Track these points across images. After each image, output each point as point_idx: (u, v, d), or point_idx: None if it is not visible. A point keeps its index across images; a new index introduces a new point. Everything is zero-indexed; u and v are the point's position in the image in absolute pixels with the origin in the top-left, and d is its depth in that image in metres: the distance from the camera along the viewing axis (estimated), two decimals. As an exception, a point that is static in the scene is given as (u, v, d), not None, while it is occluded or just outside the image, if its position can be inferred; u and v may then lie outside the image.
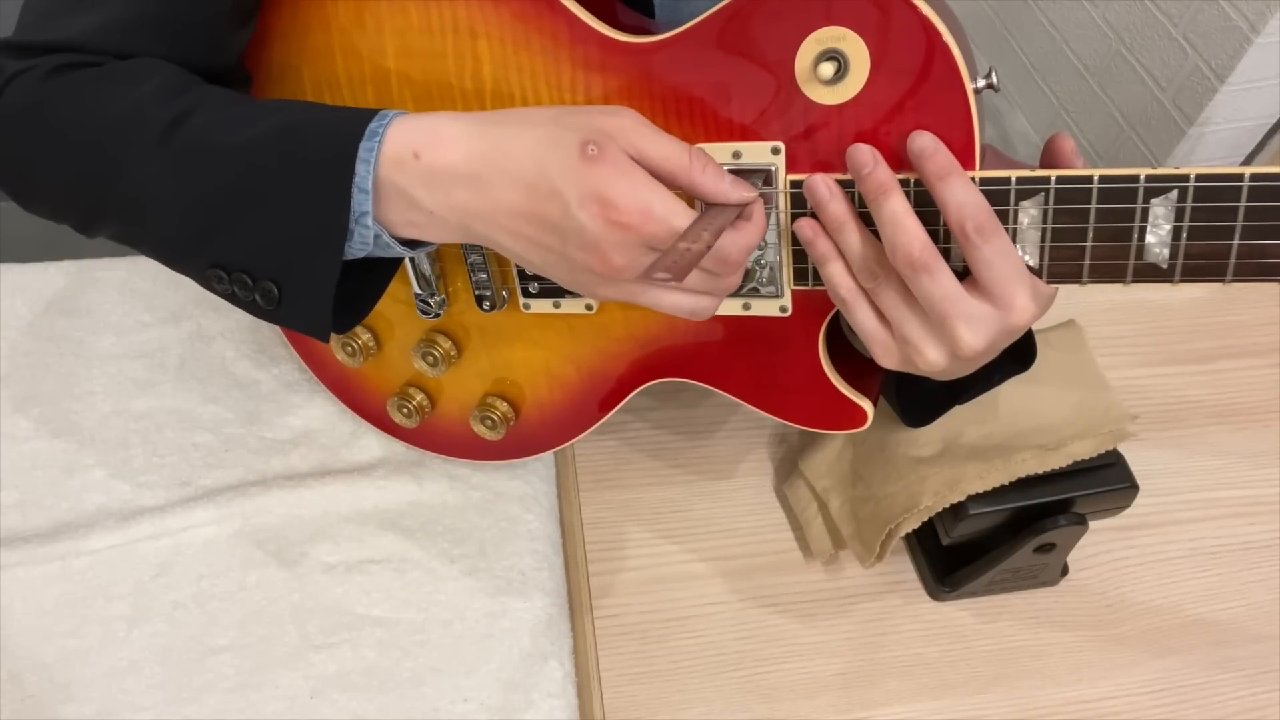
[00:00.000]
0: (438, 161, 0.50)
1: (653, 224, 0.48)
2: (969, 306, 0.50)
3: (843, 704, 0.70)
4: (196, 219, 0.52)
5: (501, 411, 0.71)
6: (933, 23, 0.48)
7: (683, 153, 0.50)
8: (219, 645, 0.70)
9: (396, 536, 0.76)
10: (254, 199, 0.51)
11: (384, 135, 0.50)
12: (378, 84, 0.59)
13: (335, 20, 0.58)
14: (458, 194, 0.50)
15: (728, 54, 0.52)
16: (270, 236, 0.52)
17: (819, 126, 0.52)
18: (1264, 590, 0.75)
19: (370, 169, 0.50)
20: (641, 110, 0.54)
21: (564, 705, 0.69)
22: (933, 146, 0.49)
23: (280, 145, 0.51)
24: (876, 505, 0.70)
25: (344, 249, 0.51)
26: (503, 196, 0.50)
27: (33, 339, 0.85)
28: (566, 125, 0.49)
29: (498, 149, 0.50)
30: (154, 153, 0.51)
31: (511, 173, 0.49)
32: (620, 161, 0.48)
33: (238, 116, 0.52)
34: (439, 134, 0.50)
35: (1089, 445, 0.65)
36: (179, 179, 0.52)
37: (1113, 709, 0.70)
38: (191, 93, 0.53)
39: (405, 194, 0.51)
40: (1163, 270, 0.49)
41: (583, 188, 0.48)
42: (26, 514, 0.75)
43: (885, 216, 0.50)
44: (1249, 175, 0.46)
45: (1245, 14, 1.24)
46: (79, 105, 0.52)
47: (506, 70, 0.56)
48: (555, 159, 0.48)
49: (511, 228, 0.51)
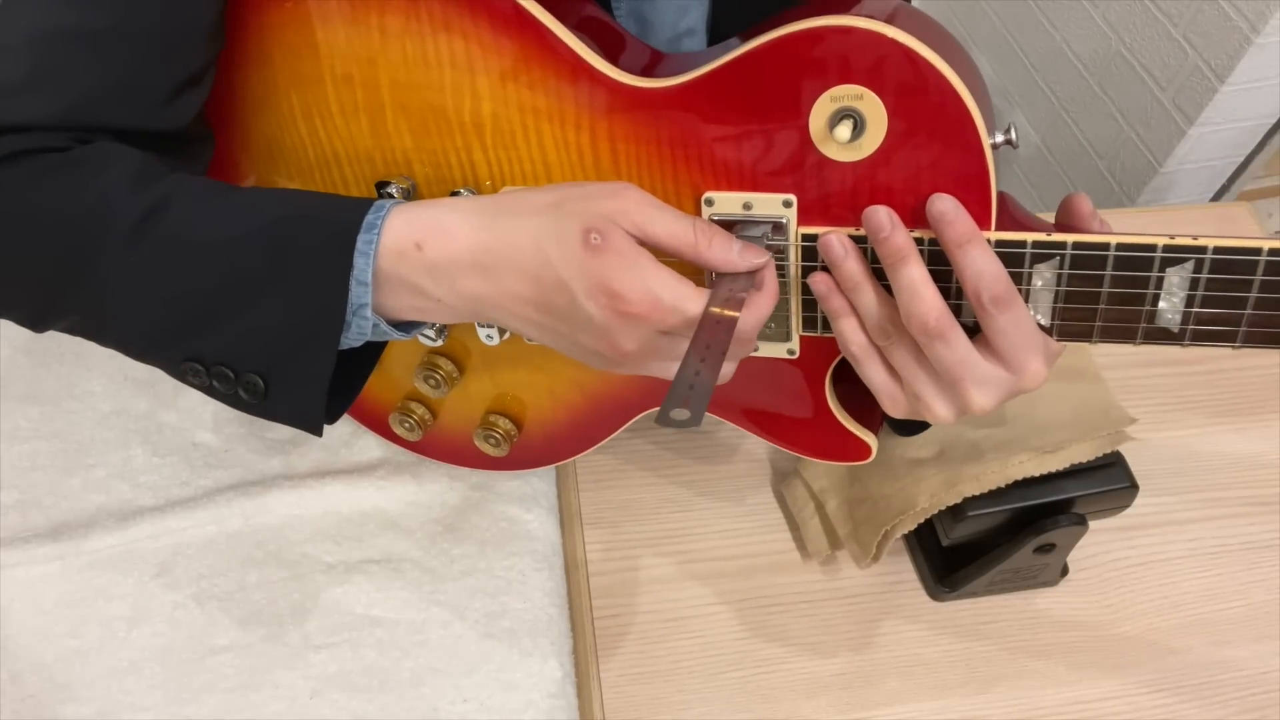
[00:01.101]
0: (442, 253, 0.49)
1: (661, 312, 0.47)
2: (982, 370, 0.50)
3: (843, 704, 0.70)
4: (174, 315, 0.50)
5: (504, 429, 0.71)
6: (951, 83, 0.46)
7: (688, 229, 0.49)
8: (219, 645, 0.70)
9: (396, 536, 0.76)
10: (241, 295, 0.49)
11: (382, 227, 0.49)
12: (372, 114, 0.57)
13: (326, 47, 0.55)
14: (465, 282, 0.49)
15: (740, 105, 0.51)
16: (258, 332, 0.50)
17: (833, 182, 0.51)
18: (1264, 590, 0.75)
19: (370, 261, 0.48)
20: (649, 155, 0.54)
21: (564, 705, 0.69)
22: (953, 212, 0.48)
23: (271, 240, 0.49)
24: (873, 506, 0.70)
25: (340, 341, 0.50)
26: (510, 286, 0.49)
27: (33, 339, 0.85)
28: (569, 212, 0.48)
29: (502, 240, 0.49)
30: (124, 249, 0.48)
31: (517, 263, 0.48)
32: (625, 249, 0.47)
33: (220, 209, 0.50)
34: (442, 226, 0.49)
35: (1088, 448, 0.65)
36: (154, 276, 0.49)
37: (1113, 709, 0.70)
38: (164, 182, 0.50)
39: (409, 283, 0.49)
40: (1173, 334, 0.49)
41: (589, 280, 0.47)
42: (26, 514, 0.75)
43: (902, 283, 0.49)
44: (1267, 250, 0.46)
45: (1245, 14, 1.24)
46: (37, 198, 0.49)
47: (508, 108, 0.54)
48: (559, 250, 0.47)
49: (521, 314, 0.50)
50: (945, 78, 0.46)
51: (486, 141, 0.56)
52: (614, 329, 0.48)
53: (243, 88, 0.59)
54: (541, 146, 0.56)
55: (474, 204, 0.51)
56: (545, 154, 0.56)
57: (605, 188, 0.50)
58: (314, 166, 0.61)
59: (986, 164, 0.48)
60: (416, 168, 0.58)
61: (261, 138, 0.61)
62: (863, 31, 0.46)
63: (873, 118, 0.48)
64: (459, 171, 0.58)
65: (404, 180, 0.59)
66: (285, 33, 0.56)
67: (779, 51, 0.48)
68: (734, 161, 0.53)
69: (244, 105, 0.60)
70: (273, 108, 0.59)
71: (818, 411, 0.62)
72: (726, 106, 0.51)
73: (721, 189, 0.54)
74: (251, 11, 0.56)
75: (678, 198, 0.55)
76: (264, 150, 0.62)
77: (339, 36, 0.55)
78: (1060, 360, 0.69)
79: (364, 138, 0.58)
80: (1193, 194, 1.47)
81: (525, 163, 0.56)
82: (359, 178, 0.60)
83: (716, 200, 0.54)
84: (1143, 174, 1.48)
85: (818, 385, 0.61)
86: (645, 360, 0.50)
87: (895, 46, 0.46)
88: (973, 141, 0.48)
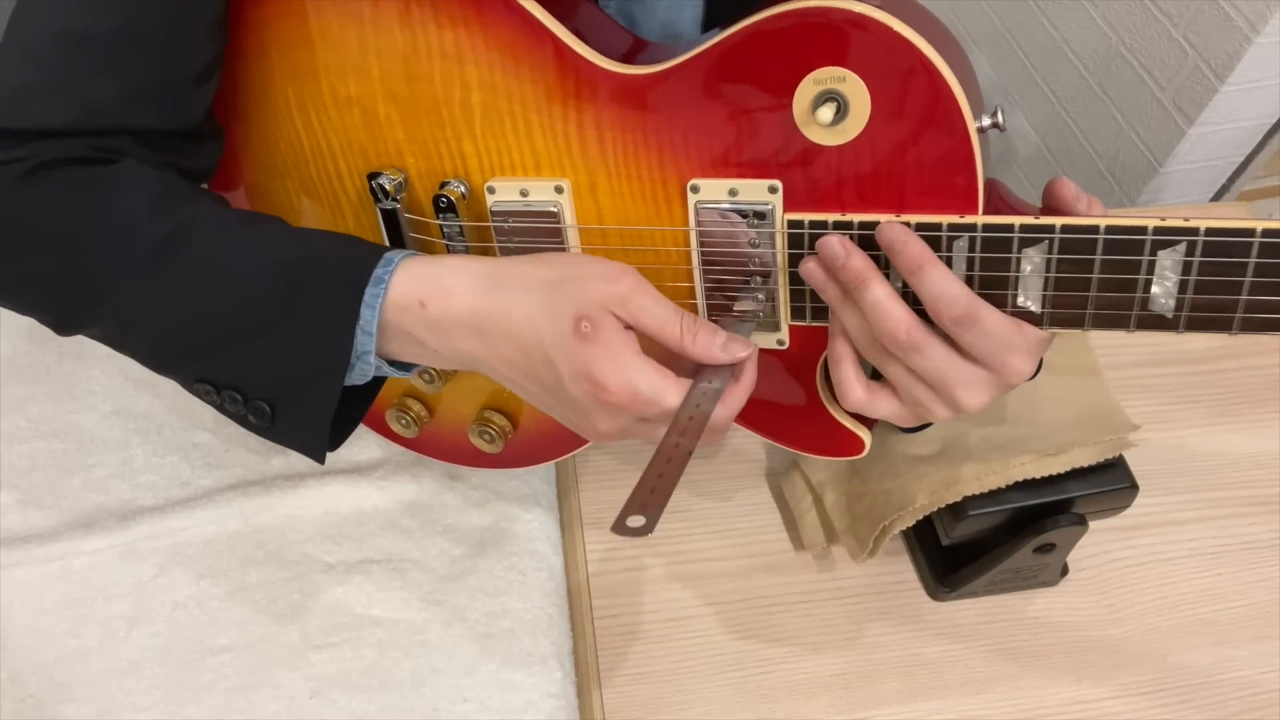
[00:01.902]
0: (444, 313, 0.51)
1: (639, 403, 0.50)
2: (964, 373, 0.51)
3: (843, 704, 0.70)
4: (187, 339, 0.53)
5: (499, 426, 0.71)
6: (934, 64, 0.46)
7: (674, 321, 0.51)
8: (219, 645, 0.70)
9: (396, 536, 0.76)
10: (254, 329, 0.52)
11: (390, 282, 0.51)
12: (365, 106, 0.57)
13: (319, 40, 0.56)
14: (461, 341, 0.52)
15: (724, 90, 0.51)
16: (268, 365, 0.52)
17: (818, 166, 0.51)
18: (1264, 590, 0.75)
19: (375, 314, 0.51)
20: (635, 143, 0.54)
21: (564, 705, 0.69)
22: (902, 240, 0.49)
23: (286, 282, 0.51)
24: (872, 501, 0.70)
25: (344, 379, 0.52)
26: (502, 352, 0.52)
27: (33, 339, 0.85)
28: (566, 294, 0.50)
29: (499, 310, 0.51)
30: (146, 271, 0.51)
31: (512, 334, 0.51)
32: (613, 341, 0.50)
33: (239, 242, 0.52)
34: (445, 286, 0.51)
35: (1089, 453, 0.65)
36: (173, 300, 0.52)
37: (1113, 709, 0.69)
38: (187, 208, 0.52)
39: (410, 335, 0.52)
40: (1167, 321, 0.48)
41: (575, 365, 0.50)
42: (26, 514, 0.75)
43: (867, 305, 0.51)
44: (1261, 231, 0.44)
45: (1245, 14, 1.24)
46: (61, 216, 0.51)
47: (496, 97, 0.55)
48: (551, 331, 0.50)
49: (510, 377, 0.53)
50: (929, 59, 0.46)
51: (476, 131, 0.57)
52: (593, 412, 0.51)
53: (242, 84, 0.60)
54: (529, 136, 0.56)
55: (478, 268, 0.52)
56: (534, 143, 0.56)
57: (604, 271, 0.52)
58: (309, 160, 0.61)
59: (972, 147, 0.48)
60: (408, 159, 0.59)
61: (260, 133, 0.62)
62: (844, 13, 0.46)
63: (856, 100, 0.48)
64: (449, 163, 0.58)
65: (396, 172, 0.59)
66: (281, 26, 0.56)
67: (762, 35, 0.49)
68: (719, 147, 0.53)
69: (243, 101, 0.61)
70: (270, 102, 0.60)
71: (809, 404, 0.62)
72: (710, 92, 0.51)
73: (707, 175, 0.54)
74: (249, 6, 0.56)
75: (664, 185, 0.55)
76: (262, 145, 0.62)
77: (332, 29, 0.55)
78: (1065, 363, 0.69)
79: (357, 130, 0.58)
80: (1192, 194, 1.47)
81: (514, 152, 0.57)
82: (352, 170, 0.60)
83: (702, 187, 0.54)
84: (1142, 174, 1.48)
85: (808, 378, 0.61)
86: (621, 439, 0.53)
87: (878, 28, 0.46)
88: (957, 124, 0.48)
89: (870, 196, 0.51)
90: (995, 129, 0.49)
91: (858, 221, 0.51)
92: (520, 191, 0.58)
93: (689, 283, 0.58)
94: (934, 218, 0.50)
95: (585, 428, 0.53)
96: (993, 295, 0.50)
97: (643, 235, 0.58)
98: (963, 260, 0.50)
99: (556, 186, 0.57)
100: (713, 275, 0.57)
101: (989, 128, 0.49)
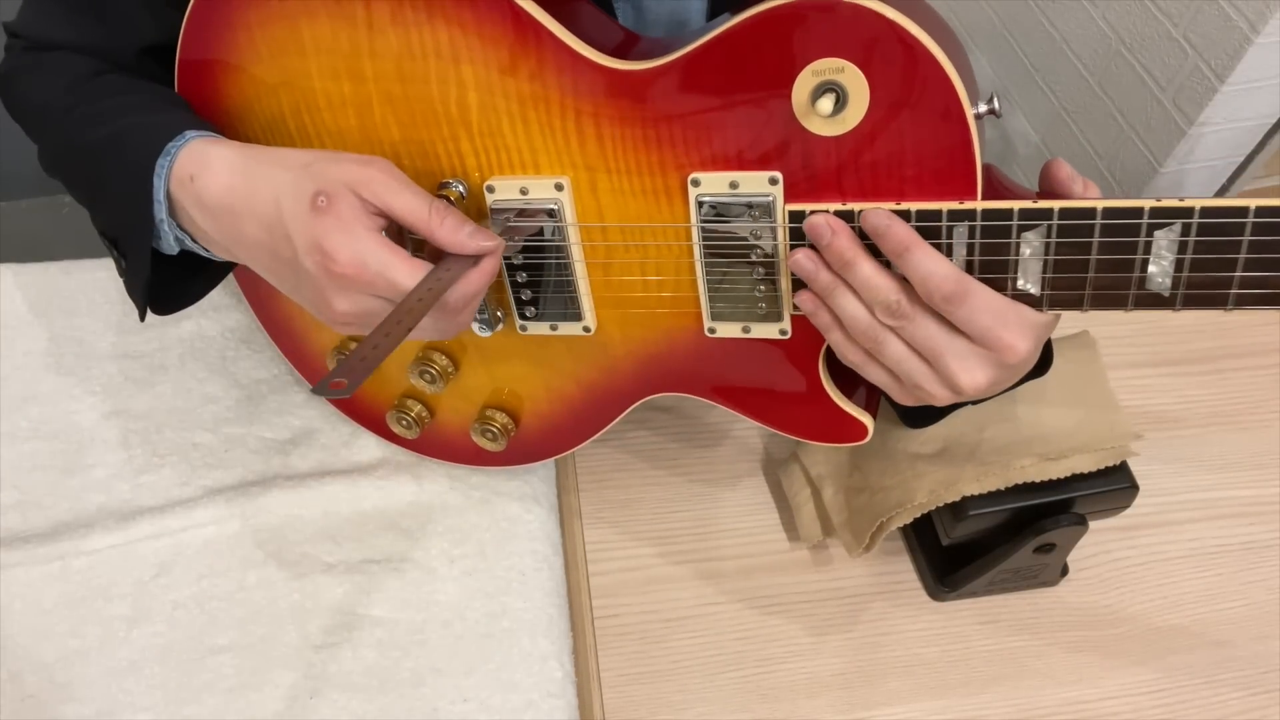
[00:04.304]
0: (205, 188, 0.55)
1: (367, 275, 0.51)
2: (957, 344, 0.51)
3: (843, 704, 0.70)
4: (81, 192, 0.62)
5: (501, 424, 0.71)
6: (932, 53, 0.47)
7: (423, 206, 0.52)
8: (219, 645, 0.70)
9: (396, 536, 0.76)
10: (99, 189, 0.60)
11: (175, 155, 0.55)
12: (359, 107, 0.57)
13: (311, 42, 0.56)
14: (218, 220, 0.55)
15: (723, 83, 0.51)
16: (108, 222, 0.60)
17: (818, 157, 0.52)
18: (1264, 590, 0.75)
19: (162, 183, 0.55)
20: (635, 138, 0.54)
21: (564, 705, 0.69)
22: (885, 224, 0.50)
23: (117, 148, 0.57)
24: (871, 497, 0.70)
25: (154, 245, 0.57)
26: (249, 231, 0.54)
27: (33, 339, 0.85)
28: (313, 173, 0.52)
29: (249, 185, 0.54)
30: (56, 131, 0.62)
31: (258, 212, 0.53)
32: (346, 215, 0.51)
33: (95, 113, 0.59)
34: (209, 161, 0.55)
35: (1090, 459, 0.65)
36: (68, 161, 0.62)
37: (1113, 709, 0.70)
38: (90, 85, 0.61)
39: (186, 212, 0.56)
40: (1164, 299, 0.49)
41: (307, 237, 0.51)
42: (26, 514, 0.75)
43: (859, 282, 0.52)
44: (1254, 209, 0.45)
45: (1245, 14, 1.24)
46: (24, 87, 0.64)
47: (493, 96, 0.55)
48: (291, 205, 0.52)
49: (260, 260, 0.55)
50: (926, 48, 0.47)
51: (473, 131, 0.56)
52: (326, 287, 0.52)
53: (234, 90, 0.60)
54: (528, 134, 0.56)
55: (243, 150, 0.56)
56: (532, 141, 0.56)
57: (357, 157, 0.54)
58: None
59: (970, 134, 0.48)
60: (405, 161, 0.59)
61: (254, 139, 0.61)
62: (842, 4, 0.47)
63: (855, 90, 0.49)
64: (446, 163, 0.58)
65: None
66: (272, 30, 0.56)
67: (759, 28, 0.49)
68: (719, 141, 0.53)
69: (235, 107, 0.60)
70: (263, 108, 0.59)
71: (812, 392, 0.62)
72: (709, 85, 0.52)
73: (707, 169, 0.54)
74: (239, 11, 0.56)
75: (664, 179, 0.55)
76: None
77: (325, 31, 0.55)
78: (1072, 372, 0.69)
79: (351, 133, 0.58)
80: (1192, 194, 1.47)
81: (512, 151, 0.57)
82: None
83: (703, 181, 0.54)
84: (1143, 174, 1.48)
85: (811, 365, 0.61)
86: (361, 324, 0.54)
87: (875, 18, 0.46)
88: (955, 111, 0.48)
89: (870, 185, 0.51)
90: (992, 115, 0.50)
91: (858, 211, 0.51)
92: (520, 190, 0.58)
93: (691, 276, 0.58)
94: (933, 205, 0.50)
95: (323, 308, 0.53)
96: (993, 279, 0.51)
97: (644, 230, 0.58)
98: (963, 246, 0.50)
99: (556, 184, 0.57)
100: (715, 268, 0.57)
101: (985, 114, 0.49)
